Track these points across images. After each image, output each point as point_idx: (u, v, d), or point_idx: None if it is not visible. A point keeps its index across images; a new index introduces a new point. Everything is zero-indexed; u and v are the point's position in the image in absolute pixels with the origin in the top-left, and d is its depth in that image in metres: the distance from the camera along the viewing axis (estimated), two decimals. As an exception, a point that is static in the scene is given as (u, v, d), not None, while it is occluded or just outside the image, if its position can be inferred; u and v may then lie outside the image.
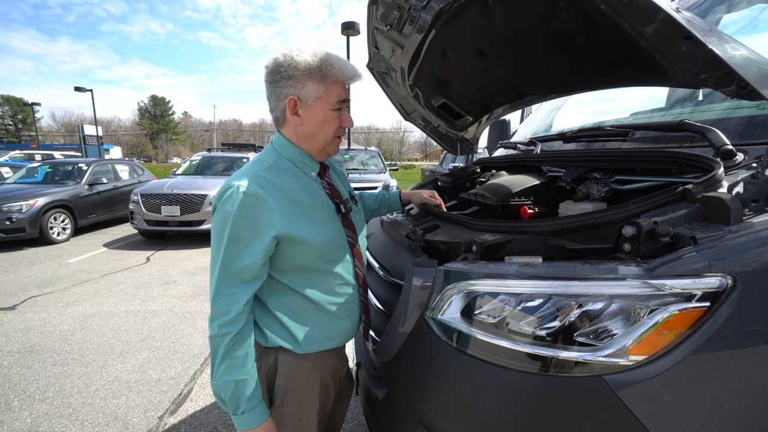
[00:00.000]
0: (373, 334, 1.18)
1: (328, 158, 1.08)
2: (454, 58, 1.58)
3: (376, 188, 7.04)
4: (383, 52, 1.71)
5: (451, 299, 0.85)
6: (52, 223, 6.40)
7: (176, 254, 5.76)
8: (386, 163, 10.49)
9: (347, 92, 1.02)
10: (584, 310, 0.73)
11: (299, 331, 0.98)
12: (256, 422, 0.91)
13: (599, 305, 0.72)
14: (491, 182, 1.60)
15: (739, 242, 0.72)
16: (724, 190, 0.81)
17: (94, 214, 7.35)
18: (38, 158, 14.28)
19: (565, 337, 0.73)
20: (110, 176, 7.98)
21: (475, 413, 0.81)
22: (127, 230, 7.47)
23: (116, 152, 49.04)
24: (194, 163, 7.89)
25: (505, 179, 1.56)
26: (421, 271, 0.92)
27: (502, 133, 2.41)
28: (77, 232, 7.07)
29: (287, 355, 0.99)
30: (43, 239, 6.25)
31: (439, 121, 2.13)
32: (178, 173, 7.72)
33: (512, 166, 1.80)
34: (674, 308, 0.69)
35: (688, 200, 0.82)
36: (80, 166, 7.64)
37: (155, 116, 72.61)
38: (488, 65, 1.56)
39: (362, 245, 1.13)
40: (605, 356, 0.70)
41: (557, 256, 0.88)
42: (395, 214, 1.66)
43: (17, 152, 16.96)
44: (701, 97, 1.42)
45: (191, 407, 2.24)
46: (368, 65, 1.89)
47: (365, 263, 1.16)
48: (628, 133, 1.33)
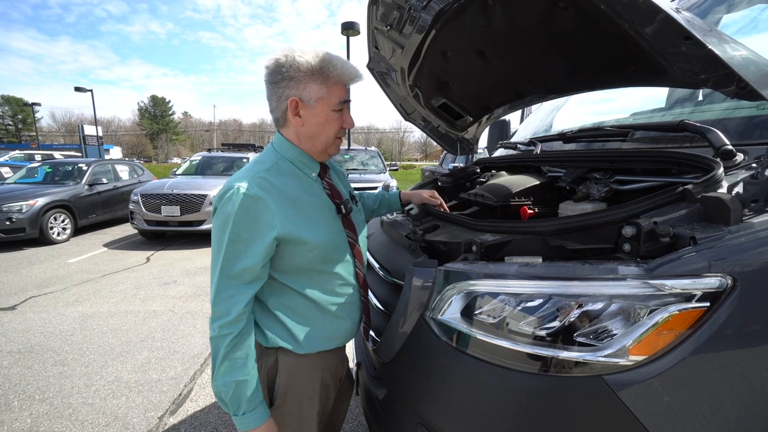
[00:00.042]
0: (373, 334, 1.18)
1: (328, 159, 1.08)
2: (454, 58, 1.58)
3: (376, 188, 7.03)
4: (383, 52, 1.72)
5: (451, 299, 0.85)
6: (52, 223, 6.41)
7: (176, 254, 5.76)
8: (386, 163, 10.48)
9: (348, 93, 1.02)
10: (584, 310, 0.73)
11: (299, 331, 0.98)
12: (257, 423, 0.91)
13: (599, 305, 0.72)
14: (491, 182, 1.60)
15: (738, 242, 0.72)
16: (724, 190, 0.81)
17: (94, 214, 7.35)
18: (38, 158, 14.28)
19: (565, 337, 0.73)
20: (110, 176, 7.98)
21: (475, 413, 0.81)
22: (127, 230, 7.47)
23: (116, 152, 49.07)
24: (194, 163, 7.89)
25: (505, 179, 1.56)
26: (421, 271, 0.92)
27: (502, 133, 2.41)
28: (77, 232, 7.07)
29: (287, 355, 0.99)
30: (43, 239, 6.25)
31: (439, 121, 2.13)
32: (178, 173, 7.72)
33: (512, 166, 1.80)
34: (674, 308, 0.69)
35: (688, 200, 0.82)
36: (80, 166, 7.64)
37: (155, 116, 72.57)
38: (488, 65, 1.56)
39: (363, 245, 1.13)
40: (605, 356, 0.71)
41: (557, 256, 0.89)
42: (395, 214, 1.66)
43: (17, 152, 16.96)
44: (701, 97, 1.42)
45: (191, 407, 2.24)
46: (368, 65, 1.89)
47: (365, 263, 1.16)
48: (628, 133, 1.33)
